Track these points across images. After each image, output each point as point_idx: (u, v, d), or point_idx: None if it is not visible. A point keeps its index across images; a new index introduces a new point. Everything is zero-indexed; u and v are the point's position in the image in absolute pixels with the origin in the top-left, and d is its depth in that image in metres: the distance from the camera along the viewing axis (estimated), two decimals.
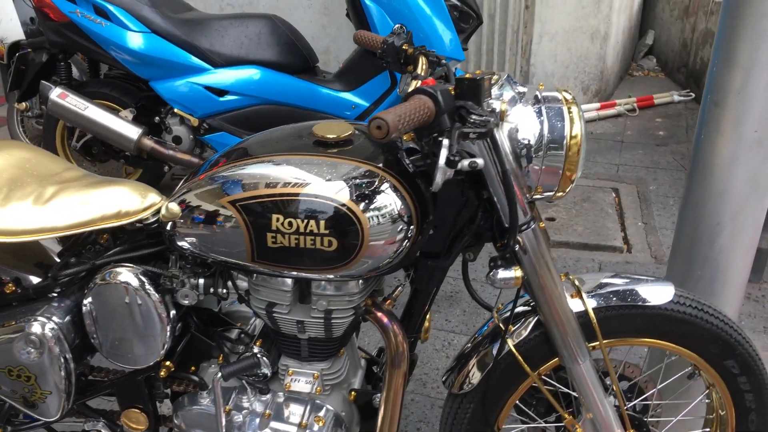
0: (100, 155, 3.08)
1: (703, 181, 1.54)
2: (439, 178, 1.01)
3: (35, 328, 1.28)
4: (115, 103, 2.97)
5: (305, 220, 1.14)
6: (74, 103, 2.77)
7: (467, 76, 1.02)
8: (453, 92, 1.02)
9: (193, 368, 1.46)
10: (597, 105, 4.19)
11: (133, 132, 2.75)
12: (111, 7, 2.70)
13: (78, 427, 1.53)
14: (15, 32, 3.65)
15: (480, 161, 1.04)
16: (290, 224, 1.15)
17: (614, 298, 1.33)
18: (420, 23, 2.75)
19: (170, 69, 2.78)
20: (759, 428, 1.44)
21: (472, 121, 1.00)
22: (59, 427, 1.58)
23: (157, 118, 2.95)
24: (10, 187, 1.35)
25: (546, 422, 1.47)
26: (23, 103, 3.21)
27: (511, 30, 3.84)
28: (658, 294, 1.33)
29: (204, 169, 1.27)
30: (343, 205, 1.13)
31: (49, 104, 2.75)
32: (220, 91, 2.79)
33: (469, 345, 1.41)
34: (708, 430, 1.52)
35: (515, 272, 1.20)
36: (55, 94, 2.75)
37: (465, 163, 1.03)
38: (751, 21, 1.37)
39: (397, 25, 1.58)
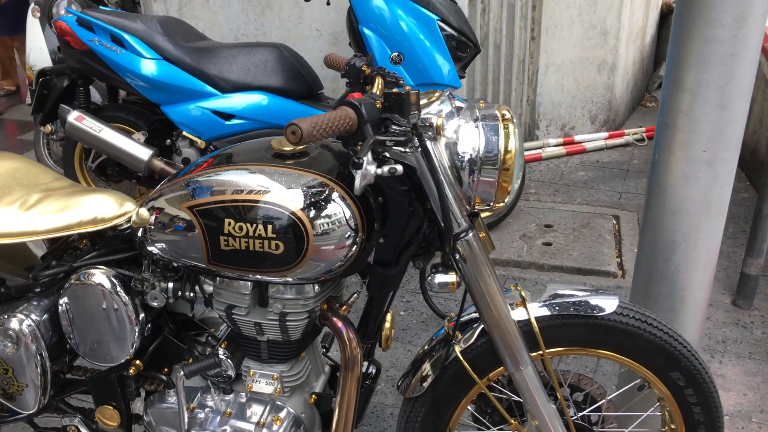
0: (114, 176, 3.23)
1: (658, 200, 1.59)
2: (357, 182, 1.09)
3: (13, 323, 1.39)
4: (130, 126, 3.12)
5: (254, 225, 1.23)
6: (90, 125, 2.94)
7: (394, 91, 1.11)
8: (380, 105, 1.11)
9: (165, 369, 1.54)
10: (605, 134, 4.23)
11: (144, 153, 2.91)
12: (126, 36, 2.87)
13: (58, 423, 1.62)
14: (44, 60, 3.88)
15: (399, 168, 1.12)
16: (241, 228, 1.24)
17: (558, 308, 1.38)
18: (417, 52, 2.86)
19: (180, 94, 2.93)
20: None
21: (392, 131, 1.08)
22: (41, 423, 1.68)
23: (168, 140, 3.10)
24: None
25: (500, 430, 1.51)
26: (48, 127, 3.39)
27: (517, 60, 3.93)
28: (601, 305, 1.38)
29: (171, 179, 1.37)
30: (290, 211, 1.22)
31: (67, 126, 2.93)
32: (227, 116, 2.92)
33: (422, 351, 1.47)
34: None
35: (451, 277, 1.26)
36: (73, 116, 2.93)
37: (385, 168, 1.11)
38: (697, 46, 1.43)
39: (394, 53, 1.67)
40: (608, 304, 1.38)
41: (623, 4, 3.97)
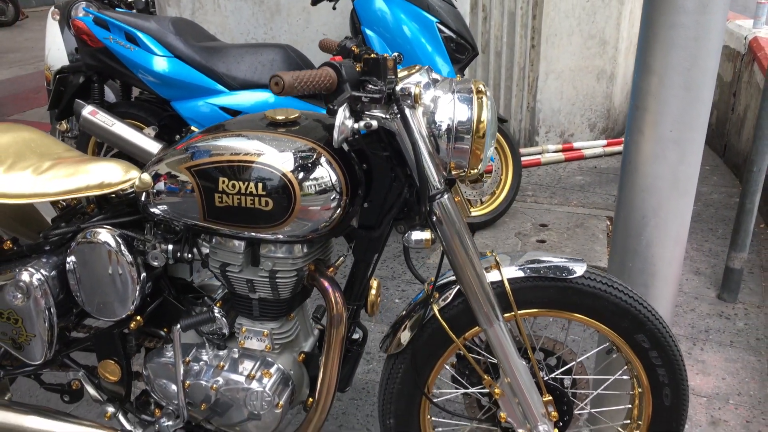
0: None
1: (629, 178, 1.68)
2: (336, 134, 1.20)
3: (24, 276, 1.50)
4: (141, 122, 3.27)
5: (246, 183, 1.34)
6: (103, 119, 3.05)
7: (372, 55, 1.22)
8: (359, 69, 1.22)
9: (165, 330, 1.65)
10: (604, 142, 4.32)
11: (153, 147, 3.01)
12: (139, 34, 3.02)
13: (62, 379, 1.73)
14: (62, 61, 4.05)
15: (374, 123, 1.23)
16: (234, 186, 1.35)
17: (529, 271, 1.47)
18: (417, 53, 2.99)
19: (189, 90, 3.06)
20: (673, 403, 1.54)
21: (368, 89, 1.19)
22: (46, 379, 1.78)
23: (177, 136, 3.23)
24: (14, 159, 1.59)
25: (476, 390, 1.60)
26: (64, 124, 3.55)
27: (517, 67, 4.05)
28: (570, 269, 1.47)
29: (170, 147, 1.49)
30: (280, 172, 1.33)
31: (81, 120, 3.05)
32: (234, 112, 3.04)
33: (403, 312, 1.57)
34: (629, 406, 1.63)
35: (426, 235, 1.36)
36: (87, 111, 3.04)
37: (361, 123, 1.22)
38: (663, 31, 1.54)
39: (395, 54, 1.79)
40: (577, 268, 1.47)
41: (622, 16, 4.08)
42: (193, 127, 3.10)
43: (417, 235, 1.37)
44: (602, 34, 4.09)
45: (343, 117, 1.20)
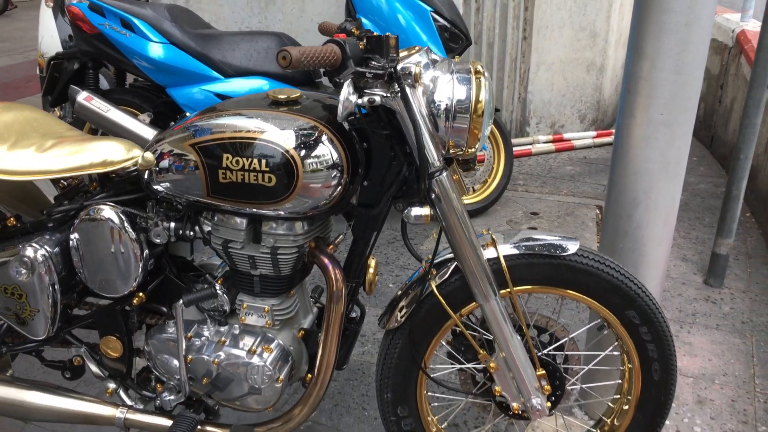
0: None
1: (621, 161, 1.73)
2: (340, 109, 1.24)
3: (28, 251, 1.52)
4: (135, 108, 3.28)
5: (250, 160, 1.37)
6: (98, 105, 3.06)
7: (375, 34, 1.26)
8: (362, 47, 1.26)
9: (166, 307, 1.68)
10: (593, 133, 4.38)
11: (148, 133, 3.03)
12: (135, 20, 3.03)
13: (63, 356, 1.75)
14: (55, 48, 4.04)
15: (377, 98, 1.27)
16: (237, 162, 1.38)
17: (524, 248, 1.52)
18: (411, 42, 3.02)
19: (185, 77, 3.08)
20: (662, 377, 1.59)
21: (371, 65, 1.23)
22: (48, 356, 1.81)
23: (172, 122, 3.25)
24: (17, 138, 1.61)
25: (471, 365, 1.64)
26: (57, 111, 3.55)
27: (509, 58, 4.09)
28: (564, 246, 1.52)
29: (170, 127, 1.52)
30: (283, 149, 1.36)
31: (76, 105, 3.06)
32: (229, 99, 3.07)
33: (401, 290, 1.61)
34: (620, 381, 1.68)
35: (425, 210, 1.40)
36: (82, 96, 3.04)
37: (364, 99, 1.25)
38: (655, 16, 1.58)
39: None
40: (570, 246, 1.52)
41: (612, 8, 4.14)
42: (188, 113, 3.12)
43: (416, 211, 1.40)
44: (593, 27, 4.14)
45: (347, 92, 1.24)
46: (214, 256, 1.75)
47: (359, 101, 1.26)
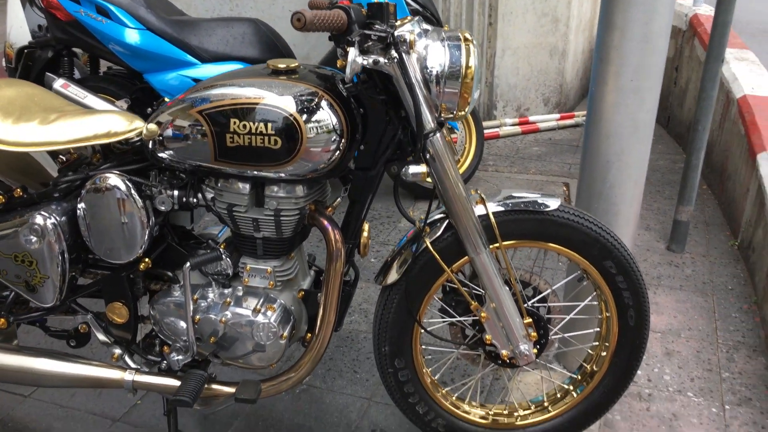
0: None
1: (594, 126, 1.86)
2: (348, 70, 1.34)
3: (38, 219, 1.58)
4: (112, 95, 3.30)
5: (256, 124, 1.46)
6: (75, 92, 3.07)
7: (376, 1, 1.36)
8: (365, 13, 1.36)
9: (171, 272, 1.74)
10: (557, 116, 4.55)
11: None
12: (111, 7, 3.05)
13: (67, 326, 1.81)
14: (24, 38, 4.00)
15: (381, 59, 1.37)
16: (245, 126, 1.46)
17: (510, 205, 1.63)
18: None
19: (163, 63, 3.12)
20: (637, 323, 1.73)
21: (375, 29, 1.33)
22: (53, 326, 1.86)
23: (149, 109, 3.28)
24: (20, 112, 1.66)
25: (462, 319, 1.75)
26: None
27: (476, 44, 4.22)
28: (546, 203, 1.64)
29: (168, 101, 1.59)
30: (288, 113, 1.45)
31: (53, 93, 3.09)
32: None
33: (395, 250, 1.71)
34: (598, 329, 1.81)
35: (422, 168, 1.51)
36: (58, 84, 3.04)
37: (370, 59, 1.36)
38: None
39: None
40: (552, 203, 1.64)
41: None
42: (166, 99, 3.16)
43: (414, 168, 1.51)
44: (554, 12, 4.30)
45: (354, 54, 1.34)
46: (212, 226, 1.82)
47: (365, 62, 1.36)
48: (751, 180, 2.86)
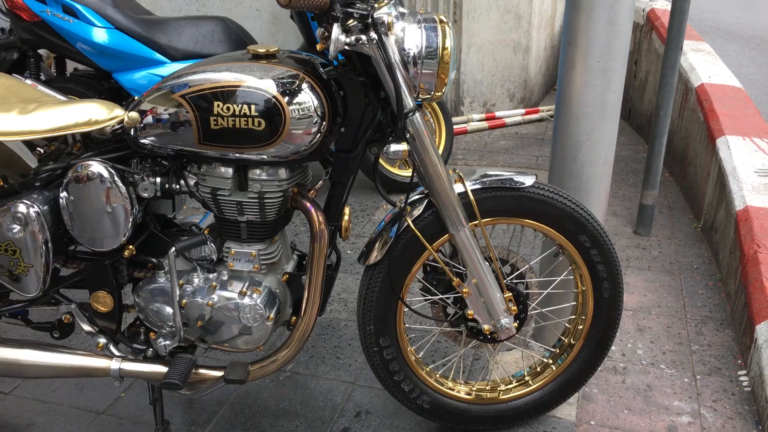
0: None
1: (564, 107, 1.93)
2: (332, 48, 1.37)
3: (21, 207, 1.58)
4: (79, 96, 3.27)
5: (240, 106, 1.48)
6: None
7: None
8: None
9: (155, 259, 1.75)
10: (522, 111, 4.64)
11: None
12: (79, 6, 3.04)
13: (50, 318, 1.80)
14: None
15: (363, 36, 1.41)
16: (228, 109, 1.49)
17: (488, 183, 1.69)
18: None
19: (132, 62, 3.11)
20: (611, 294, 1.79)
21: (357, 7, 1.37)
22: (35, 318, 1.85)
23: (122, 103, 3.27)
24: None
25: (444, 297, 1.79)
26: None
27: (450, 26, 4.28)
28: (522, 180, 1.70)
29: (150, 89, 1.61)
30: (271, 94, 1.48)
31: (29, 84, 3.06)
32: None
33: (377, 231, 1.74)
34: (574, 303, 1.87)
35: (403, 146, 1.55)
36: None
37: (352, 38, 1.40)
38: None
39: None
40: (527, 180, 1.70)
41: None
42: (135, 98, 3.15)
43: (395, 146, 1.55)
44: (517, 9, 4.40)
45: (337, 32, 1.38)
46: (193, 216, 1.84)
47: (347, 40, 1.40)
48: (711, 164, 2.97)
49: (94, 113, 1.63)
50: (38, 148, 1.79)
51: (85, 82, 3.32)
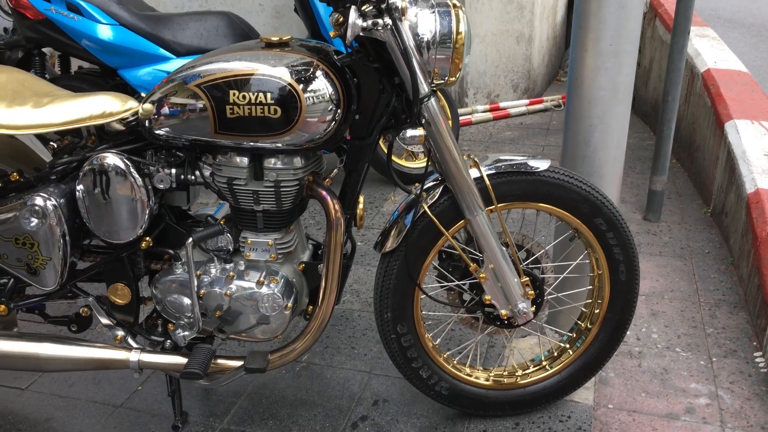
0: None
1: (576, 91, 1.92)
2: (349, 32, 1.37)
3: (38, 200, 1.58)
4: None
5: (256, 94, 1.48)
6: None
7: None
8: None
9: (172, 250, 1.75)
10: (526, 101, 4.64)
11: None
12: (83, 3, 3.03)
13: (67, 312, 1.80)
14: None
15: (380, 21, 1.41)
16: (244, 97, 1.49)
17: (503, 168, 1.69)
18: None
19: (137, 58, 3.11)
20: (628, 277, 1.79)
21: None
22: (52, 312, 1.85)
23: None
24: (12, 97, 1.65)
25: (460, 283, 1.79)
26: None
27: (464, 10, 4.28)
28: (537, 164, 1.69)
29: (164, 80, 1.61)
30: (287, 82, 1.48)
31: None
32: None
33: (392, 219, 1.74)
34: (590, 287, 1.87)
35: (419, 131, 1.55)
36: None
37: (369, 21, 1.40)
38: None
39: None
40: (543, 164, 1.70)
41: None
42: (142, 94, 3.15)
43: (411, 132, 1.54)
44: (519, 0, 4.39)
45: (354, 16, 1.38)
46: (206, 207, 1.84)
47: (364, 24, 1.40)
48: (719, 149, 2.97)
49: (108, 106, 1.63)
50: (51, 143, 1.79)
51: (90, 80, 3.31)
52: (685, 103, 3.62)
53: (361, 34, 1.45)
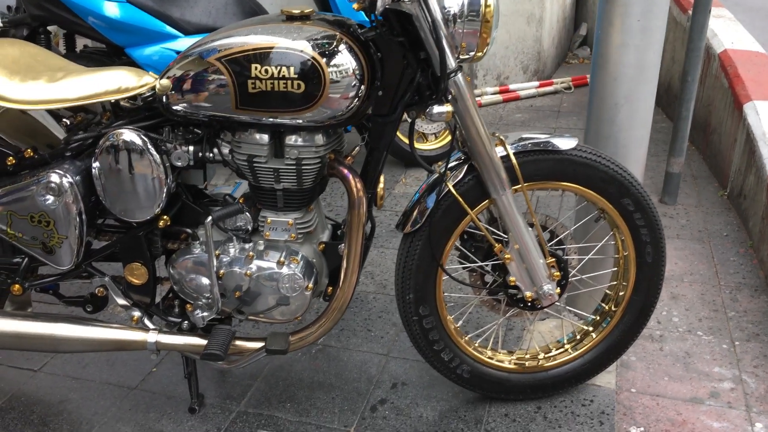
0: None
1: (602, 69, 1.87)
2: (379, 3, 1.33)
3: (54, 177, 1.54)
4: None
5: (278, 68, 1.44)
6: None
7: None
8: None
9: (190, 229, 1.71)
10: (536, 83, 4.58)
11: None
12: None
13: (82, 293, 1.77)
14: None
15: None
16: (266, 71, 1.44)
17: (530, 146, 1.64)
18: None
19: (145, 36, 3.05)
20: (654, 259, 1.76)
21: None
22: (66, 293, 1.82)
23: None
24: (26, 71, 1.61)
25: (483, 264, 1.76)
26: None
27: None
28: (564, 143, 1.65)
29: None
30: (310, 55, 1.43)
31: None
32: None
33: (414, 198, 1.70)
34: (615, 269, 1.84)
35: (447, 107, 1.50)
36: None
37: None
38: None
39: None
40: (570, 143, 1.65)
41: None
42: (150, 73, 3.09)
43: (438, 108, 1.50)
44: None
45: None
46: (223, 186, 1.80)
47: None
48: (738, 130, 2.92)
49: (124, 81, 1.58)
50: (64, 119, 1.74)
51: (96, 59, 3.25)
52: (701, 84, 3.57)
53: (388, 6, 1.40)
